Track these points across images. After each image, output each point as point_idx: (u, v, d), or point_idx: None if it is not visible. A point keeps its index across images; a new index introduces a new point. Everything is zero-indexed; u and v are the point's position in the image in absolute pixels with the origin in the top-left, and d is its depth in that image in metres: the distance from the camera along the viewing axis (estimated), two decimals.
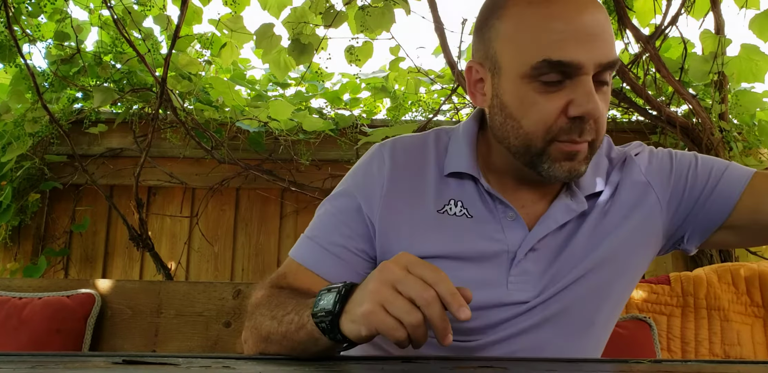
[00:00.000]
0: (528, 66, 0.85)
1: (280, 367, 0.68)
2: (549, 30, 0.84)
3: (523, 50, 0.86)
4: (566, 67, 0.84)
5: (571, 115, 0.85)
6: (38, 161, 2.55)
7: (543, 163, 0.89)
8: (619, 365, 0.79)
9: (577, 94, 0.85)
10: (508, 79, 0.89)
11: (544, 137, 0.87)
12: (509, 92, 0.89)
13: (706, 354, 1.73)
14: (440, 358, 0.85)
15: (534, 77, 0.85)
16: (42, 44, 2.46)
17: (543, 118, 0.87)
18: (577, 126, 0.86)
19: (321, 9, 2.21)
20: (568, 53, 0.83)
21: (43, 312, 1.79)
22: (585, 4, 0.86)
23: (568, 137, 0.87)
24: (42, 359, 0.67)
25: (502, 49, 0.89)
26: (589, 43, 0.84)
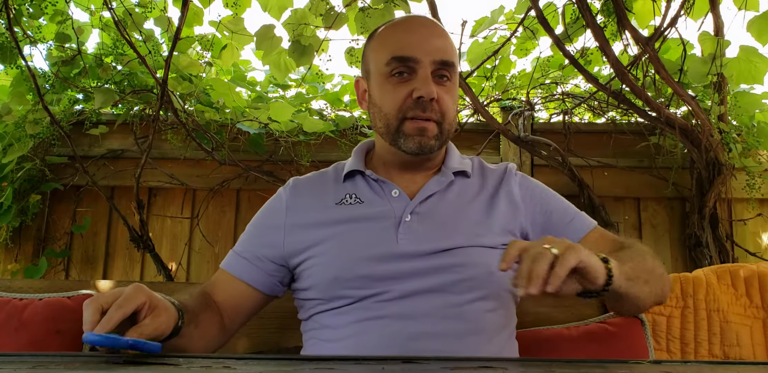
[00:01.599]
0: (383, 64, 1.19)
1: (280, 367, 0.68)
2: (397, 38, 1.20)
3: (380, 55, 1.21)
4: (408, 62, 1.17)
5: (414, 96, 1.16)
6: (39, 162, 2.55)
7: (400, 138, 1.19)
8: (619, 366, 0.80)
9: (418, 82, 1.17)
10: (374, 79, 1.23)
11: (397, 115, 1.18)
12: (375, 88, 1.23)
13: (706, 355, 1.73)
14: (440, 358, 0.85)
15: (388, 73, 1.19)
16: (43, 46, 2.47)
17: (395, 100, 1.18)
18: (420, 104, 1.17)
19: (321, 10, 2.21)
20: (408, 51, 1.17)
21: (44, 313, 1.79)
22: (427, 23, 1.23)
23: (413, 113, 1.17)
24: (42, 360, 0.68)
25: (370, 59, 1.25)
26: (425, 46, 1.18)
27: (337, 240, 1.19)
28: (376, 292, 1.14)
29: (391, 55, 1.18)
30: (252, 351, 1.82)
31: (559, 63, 2.66)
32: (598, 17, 2.26)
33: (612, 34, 2.28)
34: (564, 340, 1.66)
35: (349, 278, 1.15)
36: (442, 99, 1.18)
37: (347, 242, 1.18)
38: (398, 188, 1.25)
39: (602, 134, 2.60)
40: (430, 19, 1.27)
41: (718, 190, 2.35)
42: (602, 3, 2.28)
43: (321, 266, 1.19)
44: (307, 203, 1.28)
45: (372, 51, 1.25)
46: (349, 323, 1.15)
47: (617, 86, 2.32)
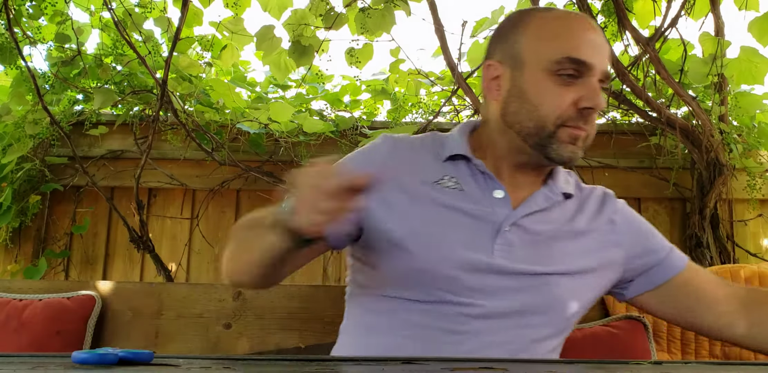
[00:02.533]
0: (551, 61, 1.05)
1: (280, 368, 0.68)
2: (571, 36, 1.07)
3: (549, 49, 1.06)
4: (581, 66, 1.05)
5: (582, 106, 1.04)
6: (39, 163, 2.55)
7: (552, 144, 1.06)
8: (620, 367, 0.80)
9: (587, 90, 1.05)
10: (530, 72, 1.08)
11: (555, 122, 1.05)
12: (530, 82, 1.08)
13: (706, 356, 1.73)
14: (440, 359, 0.85)
15: (554, 71, 1.05)
16: (43, 46, 2.47)
17: (558, 105, 1.05)
18: (583, 116, 1.06)
19: (321, 11, 2.21)
20: (585, 55, 1.05)
21: (44, 314, 1.79)
22: (596, 27, 1.11)
23: (574, 124, 1.05)
24: (42, 360, 0.68)
25: (526, 48, 1.09)
26: (598, 54, 1.07)
27: (433, 225, 1.07)
28: (460, 301, 1.04)
29: (566, 54, 1.04)
30: (252, 352, 1.82)
31: None
32: (598, 17, 2.26)
33: (612, 35, 2.28)
34: (568, 342, 1.66)
35: (437, 276, 1.05)
36: (601, 109, 1.09)
37: (444, 233, 1.07)
38: (503, 190, 1.11)
39: (603, 134, 2.60)
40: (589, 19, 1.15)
41: (719, 190, 2.35)
42: (603, 3, 2.28)
43: (406, 249, 1.06)
44: (405, 167, 1.13)
45: (533, 39, 1.09)
46: (414, 325, 1.06)
47: (618, 86, 2.31)
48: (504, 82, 1.11)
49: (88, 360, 0.66)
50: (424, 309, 1.05)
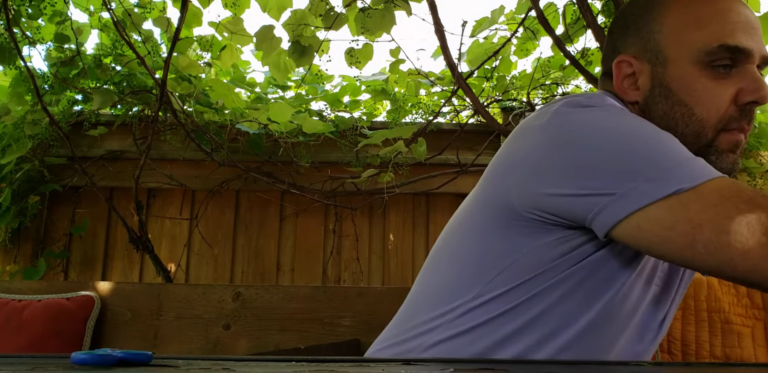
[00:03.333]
0: (702, 52, 0.89)
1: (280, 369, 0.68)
2: (723, 20, 0.89)
3: (695, 39, 0.90)
4: (738, 54, 0.88)
5: (745, 100, 0.88)
6: (38, 163, 2.55)
7: (711, 154, 0.91)
8: (620, 368, 0.79)
9: (747, 81, 0.89)
10: (677, 67, 0.91)
11: (716, 126, 0.90)
12: (678, 79, 0.91)
13: (707, 357, 1.73)
14: (440, 360, 0.85)
15: (706, 64, 0.89)
16: (42, 46, 2.46)
17: (717, 104, 0.89)
18: (747, 113, 0.90)
19: (321, 11, 2.21)
20: (741, 40, 0.88)
21: (43, 314, 1.79)
22: (747, 9, 0.92)
23: (737, 125, 0.90)
24: (41, 361, 0.67)
25: (668, 40, 0.92)
26: (755, 36, 0.90)
27: None
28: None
29: (719, 41, 0.88)
30: (251, 352, 1.82)
31: (560, 63, 2.66)
32: (599, 17, 2.26)
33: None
34: None
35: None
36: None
37: None
38: None
39: None
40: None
41: None
42: (603, 3, 2.27)
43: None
44: None
45: (676, 27, 0.93)
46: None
47: None
48: (643, 81, 0.95)
49: (87, 361, 0.66)
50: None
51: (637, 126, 0.85)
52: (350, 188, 2.62)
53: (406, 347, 0.97)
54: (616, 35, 1.01)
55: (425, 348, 0.94)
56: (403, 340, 0.98)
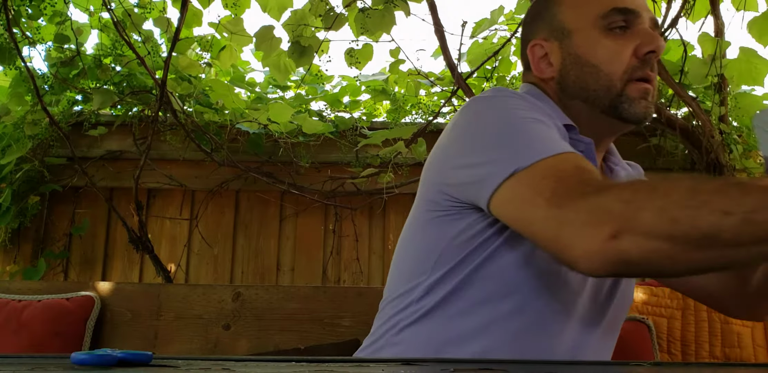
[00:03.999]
0: (599, 17, 1.01)
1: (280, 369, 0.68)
2: None
3: (590, 8, 1.03)
4: (629, 14, 1.01)
5: (643, 51, 1.00)
6: (38, 164, 2.55)
7: (623, 103, 1.01)
8: (620, 368, 0.79)
9: (642, 36, 1.00)
10: (580, 35, 1.04)
11: (622, 77, 1.00)
12: (584, 46, 1.03)
13: (707, 357, 1.73)
14: (440, 360, 0.85)
15: (604, 27, 1.01)
16: (42, 47, 2.47)
17: (620, 59, 1.00)
18: (647, 62, 1.01)
19: (321, 11, 2.21)
20: (629, 3, 1.01)
21: (43, 315, 1.79)
22: None
23: (642, 73, 1.00)
24: (41, 362, 0.67)
25: (568, 16, 1.05)
26: (641, 3, 1.03)
27: None
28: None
29: (611, 6, 1.01)
30: (251, 353, 1.82)
31: None
32: None
33: None
34: None
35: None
36: (662, 51, 1.03)
37: None
38: (596, 163, 1.04)
39: None
40: None
41: None
42: None
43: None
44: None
45: (568, 7, 1.06)
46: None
47: None
48: (554, 57, 1.06)
49: (87, 361, 0.66)
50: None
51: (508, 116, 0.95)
52: (350, 188, 2.62)
53: (377, 338, 1.05)
54: (525, 29, 1.14)
55: (397, 332, 1.02)
56: (377, 334, 1.06)
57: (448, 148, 1.01)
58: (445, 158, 1.00)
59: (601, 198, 0.77)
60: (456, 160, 0.97)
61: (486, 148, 0.93)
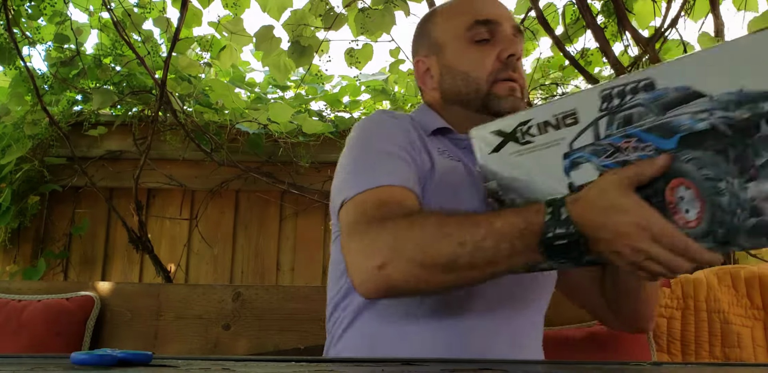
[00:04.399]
0: (463, 30, 1.15)
1: (280, 369, 0.68)
2: (472, 5, 1.18)
3: (458, 23, 1.16)
4: (491, 25, 1.14)
5: (504, 56, 1.13)
6: (38, 164, 2.55)
7: (492, 100, 1.13)
8: (620, 368, 0.79)
9: (504, 42, 1.14)
10: (450, 48, 1.18)
11: (488, 79, 1.13)
12: (454, 56, 1.17)
13: (706, 357, 1.73)
14: (440, 360, 0.85)
15: (470, 39, 1.15)
16: (42, 47, 2.47)
17: (485, 64, 1.14)
18: (510, 64, 1.14)
19: (321, 11, 2.21)
20: (489, 14, 1.15)
21: (43, 315, 1.79)
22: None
23: (505, 75, 1.13)
24: (41, 362, 0.67)
25: (440, 33, 1.20)
26: (500, 10, 1.18)
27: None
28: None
29: (473, 19, 1.15)
30: (251, 353, 1.82)
31: (560, 64, 2.66)
32: (598, 18, 2.26)
33: (612, 35, 2.28)
34: (567, 341, 1.66)
35: None
36: (519, 62, 1.17)
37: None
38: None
39: None
40: None
41: None
42: (602, 3, 2.28)
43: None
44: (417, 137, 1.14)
45: (442, 23, 1.20)
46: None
47: None
48: (434, 70, 1.21)
49: (87, 361, 0.66)
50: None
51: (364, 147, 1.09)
52: None
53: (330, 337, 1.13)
54: (412, 48, 1.28)
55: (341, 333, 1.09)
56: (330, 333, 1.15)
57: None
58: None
59: (379, 232, 0.91)
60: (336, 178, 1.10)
61: (338, 177, 1.07)
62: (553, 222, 0.80)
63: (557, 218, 0.80)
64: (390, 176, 1.00)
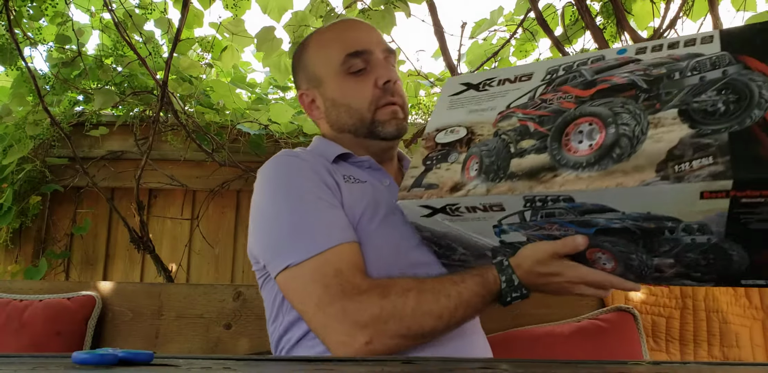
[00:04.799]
0: (338, 64, 1.21)
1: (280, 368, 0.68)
2: (340, 37, 1.23)
3: (330, 58, 1.22)
4: (363, 55, 1.20)
5: (380, 83, 1.19)
6: (39, 164, 2.55)
7: (377, 127, 1.21)
8: (617, 367, 0.80)
9: (378, 70, 1.20)
10: (329, 82, 1.23)
11: (370, 107, 1.20)
12: (334, 90, 1.23)
13: (705, 356, 1.73)
14: (440, 359, 0.85)
15: (346, 72, 1.21)
16: (43, 47, 2.47)
17: (363, 94, 1.20)
18: (388, 89, 1.20)
19: (322, 12, 2.21)
20: (359, 45, 1.20)
21: (44, 314, 1.79)
22: (356, 21, 1.28)
23: (385, 100, 1.20)
24: (42, 361, 0.68)
25: (317, 67, 1.25)
26: (368, 37, 1.23)
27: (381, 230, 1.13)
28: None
29: (345, 53, 1.20)
30: (252, 352, 1.82)
31: None
32: (597, 19, 2.27)
33: (611, 36, 2.28)
34: (558, 337, 1.67)
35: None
36: (397, 83, 1.22)
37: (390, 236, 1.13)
38: (390, 178, 1.24)
39: None
40: (356, 20, 1.31)
41: None
42: (601, 4, 2.28)
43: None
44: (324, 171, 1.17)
45: (317, 57, 1.25)
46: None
47: None
48: (319, 102, 1.27)
49: (88, 361, 0.67)
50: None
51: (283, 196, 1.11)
52: None
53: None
54: (294, 79, 1.33)
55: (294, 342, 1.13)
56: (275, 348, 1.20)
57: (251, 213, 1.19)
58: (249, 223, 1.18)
59: (358, 309, 0.96)
60: (251, 232, 1.16)
61: (266, 230, 1.11)
62: (509, 289, 0.99)
63: (511, 285, 0.99)
64: (330, 234, 1.04)
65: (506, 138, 0.95)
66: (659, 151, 0.80)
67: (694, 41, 0.89)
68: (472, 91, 1.08)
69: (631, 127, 0.84)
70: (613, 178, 0.82)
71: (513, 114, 0.98)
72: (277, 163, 1.18)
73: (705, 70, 0.85)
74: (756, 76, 0.80)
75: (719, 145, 0.77)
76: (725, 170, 0.74)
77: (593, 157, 0.85)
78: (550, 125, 0.92)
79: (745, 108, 0.78)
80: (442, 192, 0.96)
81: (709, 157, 0.77)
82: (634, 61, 0.92)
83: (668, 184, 0.78)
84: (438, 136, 1.05)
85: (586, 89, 0.92)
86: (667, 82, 0.86)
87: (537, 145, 0.91)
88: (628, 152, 0.82)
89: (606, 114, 0.87)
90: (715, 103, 0.81)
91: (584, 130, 0.88)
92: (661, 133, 0.82)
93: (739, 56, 0.84)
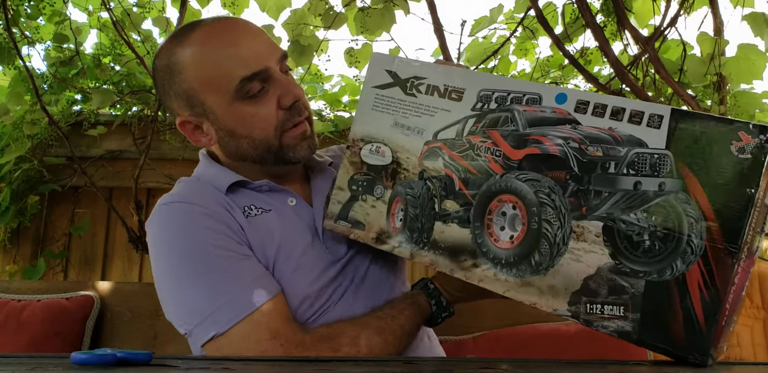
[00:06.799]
0: (232, 91, 1.00)
1: (279, 369, 0.68)
2: (229, 55, 1.00)
3: (220, 84, 1.01)
4: (260, 75, 1.01)
5: (286, 104, 1.03)
6: (37, 163, 2.54)
7: (287, 153, 1.06)
8: (619, 367, 0.79)
9: (279, 89, 1.03)
10: (221, 111, 1.04)
11: (276, 134, 1.04)
12: (230, 121, 1.04)
13: None
14: (440, 359, 0.85)
15: (243, 97, 1.01)
16: (41, 46, 2.46)
17: (266, 120, 1.03)
18: (295, 110, 1.05)
19: (320, 10, 2.21)
20: (254, 65, 1.00)
21: (42, 314, 1.79)
22: (234, 27, 1.04)
23: (291, 122, 1.05)
24: (41, 361, 0.67)
25: (202, 94, 1.03)
26: (262, 51, 1.02)
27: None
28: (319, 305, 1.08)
29: (238, 77, 1.00)
30: None
31: (559, 63, 2.66)
32: (597, 17, 2.26)
33: (612, 34, 2.28)
34: (561, 335, 1.66)
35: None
36: (302, 99, 1.08)
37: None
38: (294, 195, 1.12)
39: None
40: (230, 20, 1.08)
41: None
42: (602, 2, 2.28)
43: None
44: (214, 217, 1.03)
45: (196, 84, 1.04)
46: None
47: (617, 86, 2.31)
48: (207, 130, 1.08)
49: (86, 361, 0.66)
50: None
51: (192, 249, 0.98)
52: None
53: None
54: (164, 100, 1.11)
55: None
56: None
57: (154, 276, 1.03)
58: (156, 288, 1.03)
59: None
60: (161, 299, 1.02)
61: (177, 299, 0.99)
62: (439, 311, 1.05)
63: (440, 306, 1.05)
64: (252, 292, 0.95)
65: (431, 187, 0.93)
66: (576, 277, 0.80)
67: (641, 117, 0.78)
68: (398, 89, 0.99)
69: (553, 230, 0.81)
70: (528, 295, 0.83)
71: (439, 152, 0.93)
72: (169, 217, 1.03)
73: (643, 172, 0.76)
74: (691, 208, 0.73)
75: (633, 295, 0.76)
76: (631, 332, 0.77)
77: (512, 256, 0.84)
78: (475, 191, 0.88)
79: (669, 252, 0.74)
80: (367, 237, 0.99)
81: (620, 307, 0.77)
82: (571, 122, 0.83)
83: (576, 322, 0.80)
84: (363, 152, 1.03)
85: (516, 148, 0.86)
86: (600, 174, 0.79)
87: (461, 214, 0.90)
88: (546, 264, 0.81)
89: (531, 201, 0.83)
90: (641, 232, 0.76)
91: (507, 214, 0.85)
92: (582, 252, 0.80)
93: (681, 167, 0.75)
